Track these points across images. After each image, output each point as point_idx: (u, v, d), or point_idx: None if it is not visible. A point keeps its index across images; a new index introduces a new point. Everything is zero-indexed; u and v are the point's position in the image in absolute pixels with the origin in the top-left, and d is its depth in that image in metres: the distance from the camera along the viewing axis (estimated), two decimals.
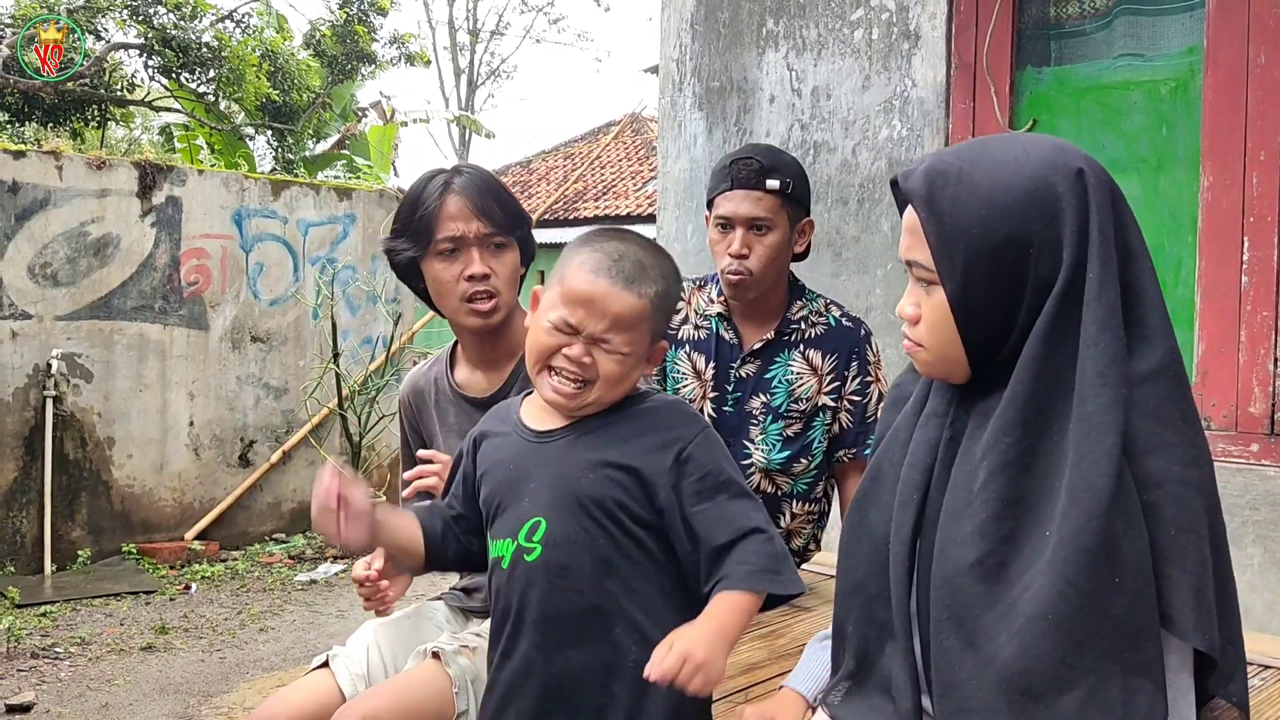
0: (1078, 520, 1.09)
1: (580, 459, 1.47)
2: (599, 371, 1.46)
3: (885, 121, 3.68)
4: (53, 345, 6.00)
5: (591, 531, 1.43)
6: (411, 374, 2.18)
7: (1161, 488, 1.10)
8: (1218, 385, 3.02)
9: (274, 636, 5.06)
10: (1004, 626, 1.11)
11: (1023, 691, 1.09)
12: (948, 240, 1.18)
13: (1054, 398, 1.14)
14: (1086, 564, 1.08)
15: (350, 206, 7.23)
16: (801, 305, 2.46)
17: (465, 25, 27.60)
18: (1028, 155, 1.18)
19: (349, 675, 1.88)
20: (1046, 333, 1.15)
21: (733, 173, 2.34)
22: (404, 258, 1.99)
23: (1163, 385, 1.14)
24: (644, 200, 13.71)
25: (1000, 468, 1.15)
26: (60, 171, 6.03)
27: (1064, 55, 3.40)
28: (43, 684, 4.32)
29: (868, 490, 1.35)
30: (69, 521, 6.11)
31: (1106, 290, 1.13)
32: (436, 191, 1.94)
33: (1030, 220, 1.15)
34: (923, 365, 1.27)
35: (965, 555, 1.16)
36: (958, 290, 1.19)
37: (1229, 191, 3.00)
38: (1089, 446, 1.10)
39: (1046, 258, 1.15)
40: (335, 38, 12.01)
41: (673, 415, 1.50)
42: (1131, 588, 1.07)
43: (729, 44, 4.14)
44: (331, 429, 7.08)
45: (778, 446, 2.44)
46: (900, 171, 1.25)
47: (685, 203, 4.24)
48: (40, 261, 5.97)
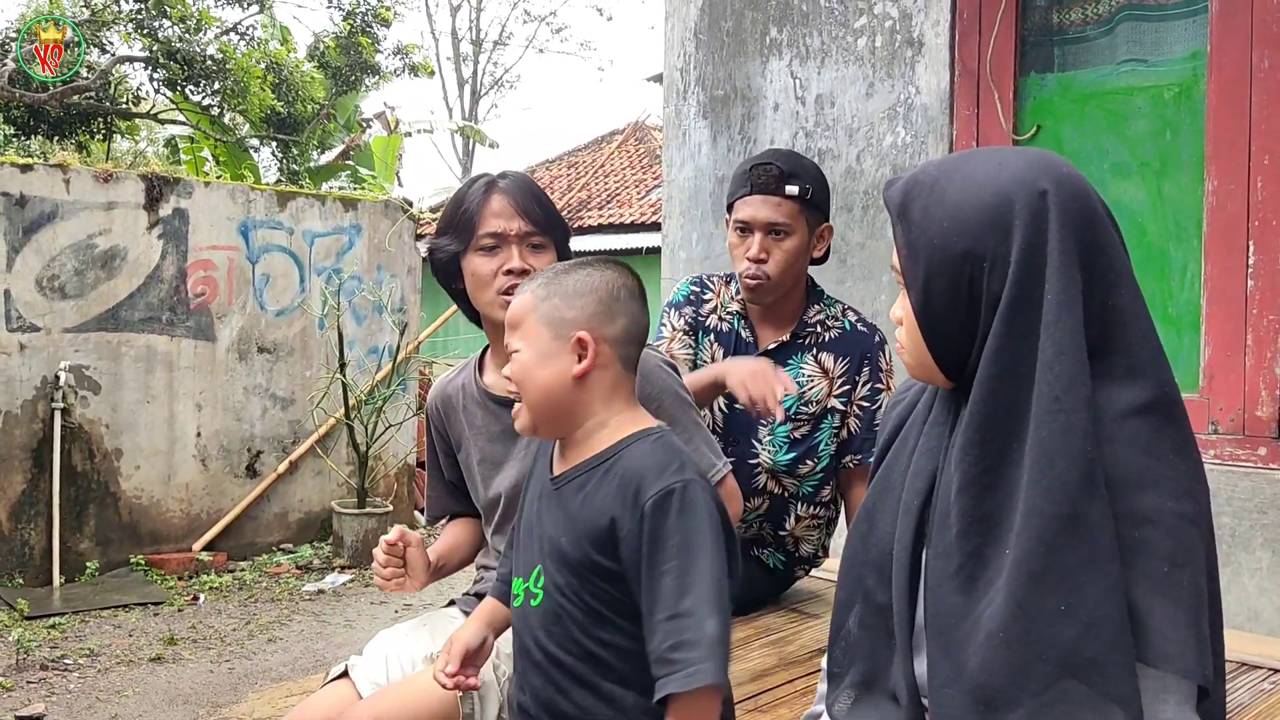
0: (1027, 543, 1.09)
1: (568, 511, 1.46)
2: (513, 378, 1.50)
3: (889, 129, 3.69)
4: (61, 357, 6.02)
5: (575, 586, 1.43)
6: (439, 381, 2.20)
7: (1153, 524, 1.09)
8: (1224, 389, 3.02)
9: (282, 646, 5.07)
10: (972, 638, 1.13)
11: (985, 704, 1.10)
12: (912, 249, 1.20)
13: (1013, 418, 1.13)
14: (1033, 587, 1.08)
15: (356, 217, 7.25)
16: (819, 310, 2.48)
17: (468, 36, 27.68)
18: (1000, 170, 1.18)
19: (369, 684, 1.89)
20: (996, 352, 1.14)
21: (752, 178, 2.36)
22: (446, 254, 2.02)
23: (1154, 419, 1.13)
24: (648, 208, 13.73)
25: (964, 485, 1.16)
26: (68, 185, 6.06)
27: (1067, 61, 3.40)
28: (52, 695, 4.33)
29: (876, 499, 1.35)
30: (77, 533, 6.12)
31: (1067, 313, 1.11)
32: (481, 190, 2.00)
33: (985, 236, 1.16)
34: (907, 368, 1.30)
35: (946, 565, 1.18)
36: (920, 299, 1.21)
37: (1233, 196, 3.01)
38: (1041, 472, 1.09)
39: (998, 275, 1.15)
40: (339, 49, 12.06)
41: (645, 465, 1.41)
42: (1083, 619, 1.06)
43: (733, 52, 4.15)
44: (338, 439, 7.09)
45: (784, 448, 2.45)
46: (890, 179, 1.28)
47: (690, 211, 4.25)
48: (48, 274, 6.00)
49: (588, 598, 1.42)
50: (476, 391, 2.09)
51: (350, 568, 6.47)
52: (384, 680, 1.90)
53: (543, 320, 1.47)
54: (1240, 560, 2.88)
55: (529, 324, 1.48)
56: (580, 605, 1.42)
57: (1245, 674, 2.34)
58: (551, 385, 1.46)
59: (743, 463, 2.46)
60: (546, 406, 1.48)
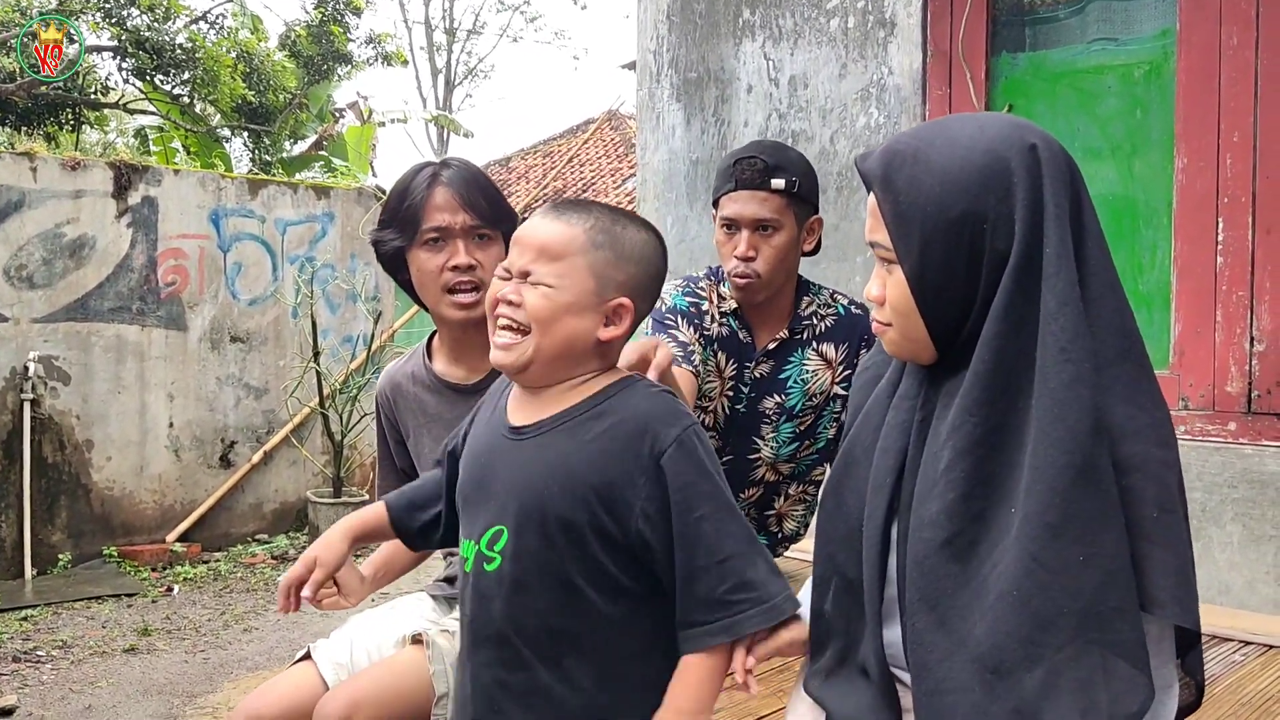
0: (1041, 496, 1.08)
1: (549, 465, 1.33)
2: (528, 310, 1.33)
3: (862, 110, 3.69)
4: (29, 348, 5.94)
5: (557, 551, 1.31)
6: (388, 370, 2.17)
7: (1141, 471, 1.10)
8: (1195, 365, 3.04)
9: (257, 636, 5.03)
10: (976, 605, 1.11)
11: (993, 669, 1.08)
12: (903, 218, 1.18)
13: (1017, 375, 1.13)
14: (1051, 540, 1.07)
15: (329, 205, 7.20)
16: (810, 301, 2.41)
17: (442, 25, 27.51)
18: (982, 132, 1.18)
19: (332, 665, 1.88)
20: (1005, 309, 1.14)
21: (736, 173, 2.26)
22: (390, 248, 1.98)
23: (1130, 368, 1.14)
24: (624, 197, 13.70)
25: (967, 448, 1.15)
26: (35, 173, 5.98)
27: (1038, 41, 3.41)
28: (25, 687, 4.29)
29: (841, 476, 1.34)
30: (49, 525, 6.06)
31: (1064, 265, 1.12)
32: (424, 183, 1.94)
33: (984, 195, 1.15)
34: (890, 345, 1.27)
35: (934, 536, 1.16)
36: (915, 268, 1.19)
37: (1203, 173, 3.03)
38: (1051, 423, 1.09)
39: (1001, 233, 1.15)
40: (311, 38, 11.94)
41: (649, 412, 1.33)
42: (1102, 568, 1.06)
43: (705, 35, 4.14)
44: (313, 428, 7.04)
45: (787, 442, 2.43)
46: (860, 156, 1.26)
47: (665, 194, 4.24)
48: (16, 263, 5.92)
49: (565, 561, 1.30)
50: (428, 378, 2.06)
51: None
52: (347, 661, 1.89)
53: (591, 268, 1.34)
54: (1211, 534, 2.90)
55: (574, 264, 1.33)
56: (551, 571, 1.31)
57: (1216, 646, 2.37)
58: (575, 337, 1.34)
59: (741, 458, 2.43)
60: (558, 354, 1.35)
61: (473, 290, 1.94)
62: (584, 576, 1.31)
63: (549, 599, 1.32)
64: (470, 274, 1.94)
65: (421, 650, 1.80)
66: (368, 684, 1.73)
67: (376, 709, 1.68)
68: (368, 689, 1.71)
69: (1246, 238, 2.96)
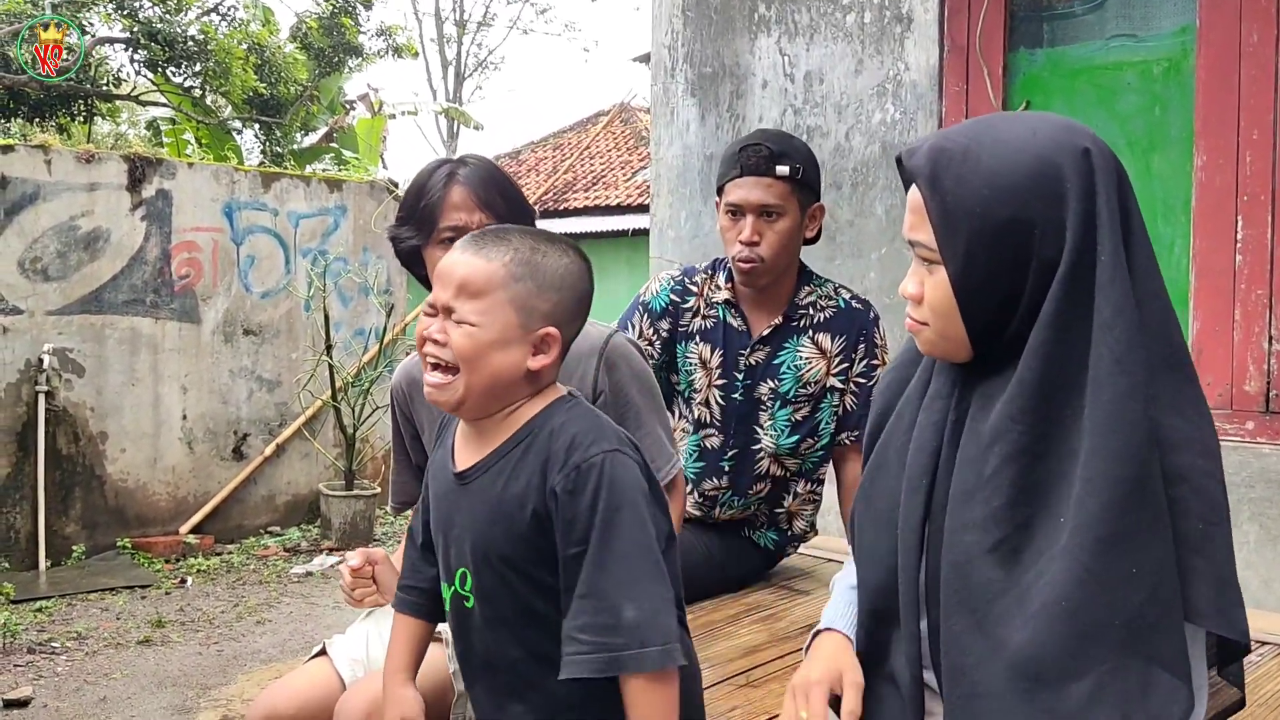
0: (1094, 509, 1.07)
1: (489, 509, 1.35)
2: (454, 350, 1.34)
3: (878, 105, 3.68)
4: (44, 340, 5.97)
5: (511, 584, 1.35)
6: (404, 363, 2.18)
7: (1187, 482, 1.10)
8: (1213, 364, 3.03)
9: (271, 628, 5.06)
10: (1018, 612, 1.10)
11: (1033, 678, 1.08)
12: (950, 219, 1.16)
13: (1065, 383, 1.12)
14: (1103, 553, 1.06)
15: (341, 198, 7.20)
16: (810, 290, 2.45)
17: (452, 17, 27.50)
18: (1034, 134, 1.16)
19: (347, 661, 1.88)
20: (1054, 317, 1.13)
21: (742, 160, 2.34)
22: (407, 245, 1.99)
23: (1177, 377, 1.14)
24: (634, 190, 13.68)
25: (1012, 455, 1.14)
26: (49, 165, 5.99)
27: (1057, 37, 3.40)
28: (40, 679, 4.31)
29: (874, 477, 1.34)
30: (63, 517, 6.08)
31: (1119, 274, 1.11)
32: (441, 181, 1.95)
33: (1034, 201, 1.13)
34: (925, 344, 1.26)
35: (978, 540, 1.15)
36: (960, 270, 1.17)
37: (1223, 170, 3.01)
38: (1106, 436, 1.08)
39: (1050, 240, 1.13)
40: (321, 30, 11.96)
41: (565, 439, 1.33)
42: (1150, 581, 1.06)
43: (721, 29, 4.13)
44: (325, 421, 7.06)
45: (786, 431, 2.44)
46: (905, 149, 1.24)
47: (679, 189, 4.23)
48: (30, 256, 5.94)
49: (525, 594, 1.34)
50: None
51: (338, 550, 6.46)
52: (363, 657, 1.89)
53: (512, 302, 1.34)
54: None
55: (495, 300, 1.34)
56: (518, 603, 1.35)
57: None
58: (503, 372, 1.35)
59: (746, 451, 2.45)
60: (487, 390, 1.36)
61: None
62: (547, 603, 1.34)
63: (523, 629, 1.36)
64: None
65: (440, 649, 1.80)
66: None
67: None
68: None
69: (1266, 236, 2.94)
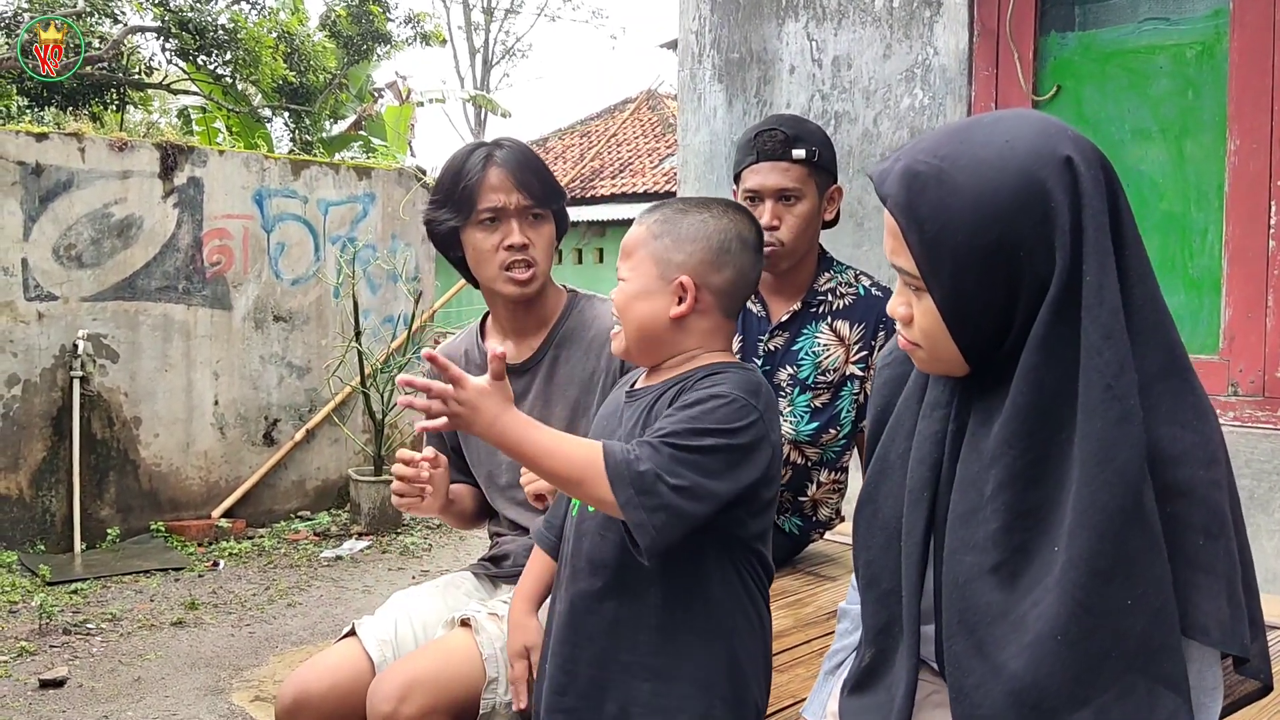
0: (1088, 542, 1.04)
1: (637, 422, 1.53)
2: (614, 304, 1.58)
3: (907, 90, 3.66)
4: (79, 326, 6.05)
5: None
6: (443, 345, 2.22)
7: (1188, 495, 1.06)
8: (1245, 351, 3.00)
9: (301, 611, 5.12)
10: (1015, 638, 1.09)
11: (1033, 706, 1.06)
12: (932, 248, 1.11)
13: (1059, 407, 1.08)
14: (1100, 585, 1.04)
15: (370, 185, 7.24)
16: (829, 277, 2.45)
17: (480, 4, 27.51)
18: (1011, 148, 1.10)
19: (376, 642, 1.91)
20: (1043, 339, 1.08)
21: (758, 145, 2.34)
22: (445, 227, 2.03)
23: (1174, 384, 1.09)
24: (660, 177, 13.67)
25: (1008, 480, 1.11)
26: (83, 153, 6.06)
27: (1088, 20, 3.36)
28: (75, 660, 4.39)
29: (877, 484, 1.32)
30: (98, 500, 6.18)
31: (1107, 292, 1.06)
32: (479, 163, 1.99)
33: (1020, 221, 1.08)
34: (920, 364, 1.24)
35: (977, 562, 1.13)
36: (948, 298, 1.13)
37: (1256, 155, 2.98)
38: (1098, 466, 1.04)
39: (1040, 257, 1.08)
40: (350, 18, 12.00)
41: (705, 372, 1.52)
42: (1151, 605, 1.04)
43: (748, 15, 4.12)
44: (354, 407, 7.12)
45: (806, 418, 2.44)
46: (876, 169, 1.19)
47: (706, 175, 4.23)
48: (65, 243, 6.01)
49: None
50: (480, 358, 2.09)
51: (367, 534, 6.52)
52: (392, 638, 1.92)
53: (652, 257, 1.54)
54: (1259, 522, 2.87)
55: (639, 257, 1.55)
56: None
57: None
58: (647, 320, 1.54)
59: None
60: (640, 338, 1.55)
61: (527, 267, 2.00)
62: None
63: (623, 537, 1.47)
64: (524, 252, 1.99)
65: (470, 633, 1.82)
66: (422, 665, 1.76)
67: (431, 691, 1.71)
68: (422, 670, 1.74)
69: None
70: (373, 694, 1.72)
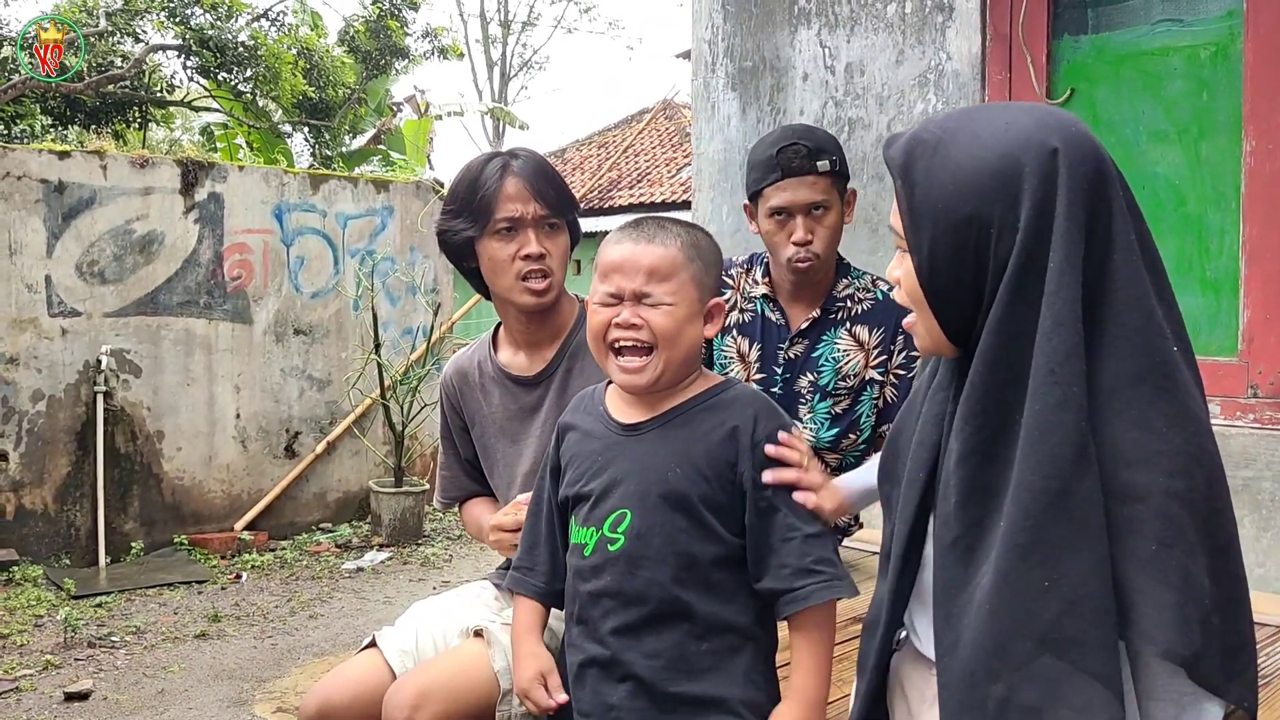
0: (1014, 517, 1.07)
1: (667, 452, 1.51)
2: (653, 329, 1.49)
3: (920, 96, 3.66)
4: (102, 341, 6.11)
5: (674, 524, 1.48)
6: (455, 358, 2.21)
7: (1144, 502, 1.05)
8: (1264, 352, 2.97)
9: (323, 623, 5.14)
10: (968, 610, 1.12)
11: (968, 676, 1.10)
12: (917, 212, 1.15)
13: (1013, 388, 1.10)
14: (1018, 561, 1.06)
15: (388, 199, 7.29)
16: (847, 283, 2.45)
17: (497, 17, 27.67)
18: (1007, 129, 1.12)
19: (397, 652, 1.92)
20: (1000, 322, 1.10)
21: (781, 162, 2.31)
22: (461, 238, 2.02)
23: (1145, 390, 1.08)
24: (678, 187, 13.69)
25: (964, 455, 1.14)
26: (105, 170, 6.14)
27: (1101, 23, 3.35)
28: (100, 672, 4.42)
29: (889, 465, 1.35)
30: (122, 514, 6.23)
31: (1067, 281, 1.07)
32: (496, 173, 1.99)
33: (992, 199, 1.10)
34: (917, 339, 1.26)
35: (944, 536, 1.17)
36: (924, 264, 1.16)
37: (1272, 156, 2.96)
38: (1034, 446, 1.07)
39: (1006, 241, 1.10)
40: (369, 33, 12.11)
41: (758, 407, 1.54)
42: (1065, 595, 1.04)
43: (761, 23, 4.13)
44: (374, 419, 7.15)
45: (826, 425, 2.43)
46: (890, 136, 1.23)
47: (720, 184, 4.24)
48: (88, 260, 6.08)
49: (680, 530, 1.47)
50: (493, 370, 2.10)
51: (388, 546, 6.54)
52: (412, 648, 1.92)
53: (694, 281, 1.53)
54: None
55: (681, 280, 1.51)
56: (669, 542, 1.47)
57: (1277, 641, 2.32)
58: (694, 344, 1.54)
59: None
60: (683, 361, 1.53)
61: (544, 277, 1.99)
62: (696, 544, 1.48)
63: (667, 569, 1.48)
64: (541, 262, 1.99)
65: (482, 647, 1.82)
66: (436, 675, 1.76)
67: (445, 700, 1.71)
68: (436, 680, 1.74)
69: None
70: (387, 702, 1.72)
